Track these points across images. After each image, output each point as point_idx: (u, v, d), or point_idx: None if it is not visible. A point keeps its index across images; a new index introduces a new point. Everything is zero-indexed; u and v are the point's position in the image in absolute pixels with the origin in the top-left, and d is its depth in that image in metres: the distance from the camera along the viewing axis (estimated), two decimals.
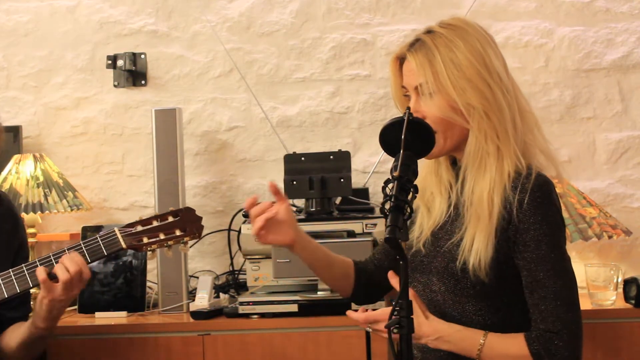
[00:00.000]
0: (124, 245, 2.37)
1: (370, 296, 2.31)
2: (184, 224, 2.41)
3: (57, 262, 2.34)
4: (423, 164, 2.04)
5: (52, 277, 2.30)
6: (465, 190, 2.01)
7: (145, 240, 2.39)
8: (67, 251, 2.34)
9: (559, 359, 1.91)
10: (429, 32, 2.04)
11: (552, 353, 1.91)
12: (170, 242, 2.40)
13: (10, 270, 2.37)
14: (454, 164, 2.11)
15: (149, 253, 2.40)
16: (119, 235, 2.36)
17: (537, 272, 1.94)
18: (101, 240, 2.36)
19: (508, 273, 1.98)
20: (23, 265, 2.37)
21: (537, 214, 1.94)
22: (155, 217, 2.41)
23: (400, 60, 2.08)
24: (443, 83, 1.99)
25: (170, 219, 2.41)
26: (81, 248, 2.34)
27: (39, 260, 2.35)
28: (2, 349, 2.49)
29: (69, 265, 2.30)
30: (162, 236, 2.39)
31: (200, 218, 2.44)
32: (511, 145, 1.99)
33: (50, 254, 2.36)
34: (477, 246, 1.95)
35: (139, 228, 2.39)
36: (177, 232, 2.40)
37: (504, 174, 1.98)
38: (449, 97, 1.99)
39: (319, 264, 2.20)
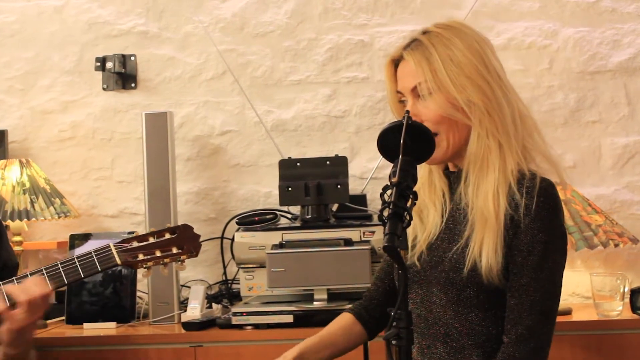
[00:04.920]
0: (119, 262, 2.34)
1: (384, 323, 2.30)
2: (181, 241, 2.38)
3: (48, 275, 2.29)
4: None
5: (13, 304, 2.25)
6: (469, 193, 2.01)
7: (140, 257, 2.36)
8: (59, 265, 2.30)
9: None
10: (424, 32, 2.07)
11: None
12: (166, 260, 2.38)
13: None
14: (446, 170, 2.12)
15: (144, 270, 2.39)
16: (114, 251, 2.34)
17: (523, 278, 1.94)
18: (95, 255, 2.33)
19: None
20: (14, 278, 2.31)
21: (537, 220, 1.94)
22: (152, 234, 2.39)
23: (395, 63, 2.09)
24: (442, 80, 2.00)
25: (168, 235, 2.38)
26: (75, 263, 2.31)
27: (30, 274, 2.30)
28: None
29: (30, 288, 2.25)
30: (158, 253, 2.37)
31: (198, 236, 2.41)
32: (513, 143, 2.00)
33: (42, 268, 2.30)
34: (486, 250, 1.94)
35: (135, 244, 2.36)
36: (174, 250, 2.38)
37: (507, 171, 1.99)
38: (449, 94, 2.00)
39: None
